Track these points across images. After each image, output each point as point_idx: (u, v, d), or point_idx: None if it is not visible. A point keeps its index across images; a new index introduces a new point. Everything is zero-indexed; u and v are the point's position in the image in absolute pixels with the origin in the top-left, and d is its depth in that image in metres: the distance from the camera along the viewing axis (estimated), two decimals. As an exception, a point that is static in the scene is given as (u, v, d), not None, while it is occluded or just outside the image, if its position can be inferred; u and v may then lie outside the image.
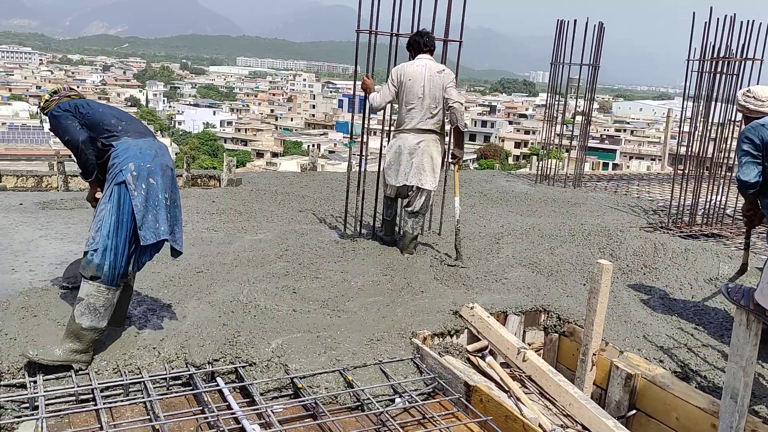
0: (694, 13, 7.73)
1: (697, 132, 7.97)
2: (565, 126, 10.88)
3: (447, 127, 5.87)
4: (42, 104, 3.94)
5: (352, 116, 6.51)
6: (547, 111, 10.68)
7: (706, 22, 7.57)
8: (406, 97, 5.59)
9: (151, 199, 3.52)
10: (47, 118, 3.87)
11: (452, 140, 5.91)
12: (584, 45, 9.78)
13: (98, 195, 3.78)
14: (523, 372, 4.00)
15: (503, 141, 73.51)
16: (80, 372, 3.49)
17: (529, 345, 4.47)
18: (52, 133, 4.07)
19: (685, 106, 8.04)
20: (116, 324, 3.80)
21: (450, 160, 6.00)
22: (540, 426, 3.34)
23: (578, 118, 10.89)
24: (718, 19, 7.52)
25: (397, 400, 3.66)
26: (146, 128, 3.89)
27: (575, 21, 9.83)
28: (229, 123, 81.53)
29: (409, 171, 5.68)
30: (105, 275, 3.46)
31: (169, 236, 3.59)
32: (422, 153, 5.67)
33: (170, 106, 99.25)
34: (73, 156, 3.82)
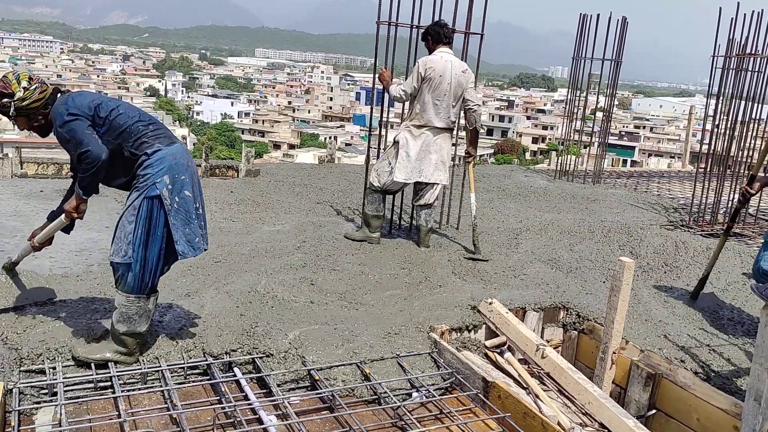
0: (720, 8, 7.59)
1: (719, 130, 7.84)
2: (584, 122, 10.77)
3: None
4: (21, 93, 3.22)
5: (371, 109, 6.47)
6: (567, 106, 10.58)
7: (732, 18, 7.44)
8: (432, 92, 5.50)
9: (185, 213, 3.37)
10: (31, 112, 3.28)
11: (469, 139, 5.91)
12: (606, 40, 9.67)
13: (83, 207, 3.43)
14: (542, 369, 3.96)
15: (521, 136, 73.10)
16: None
17: (548, 342, 4.43)
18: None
19: (708, 104, 7.91)
20: None
21: (465, 159, 5.97)
22: (559, 424, 3.30)
23: (597, 114, 10.77)
24: (744, 14, 7.39)
25: (414, 394, 3.65)
26: (167, 128, 3.60)
27: (598, 15, 9.71)
28: (247, 114, 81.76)
29: (425, 168, 5.64)
30: (130, 286, 3.38)
31: (206, 246, 3.53)
32: (440, 150, 5.65)
33: (189, 97, 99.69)
34: (78, 164, 3.27)
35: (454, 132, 5.90)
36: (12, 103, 3.24)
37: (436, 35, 5.63)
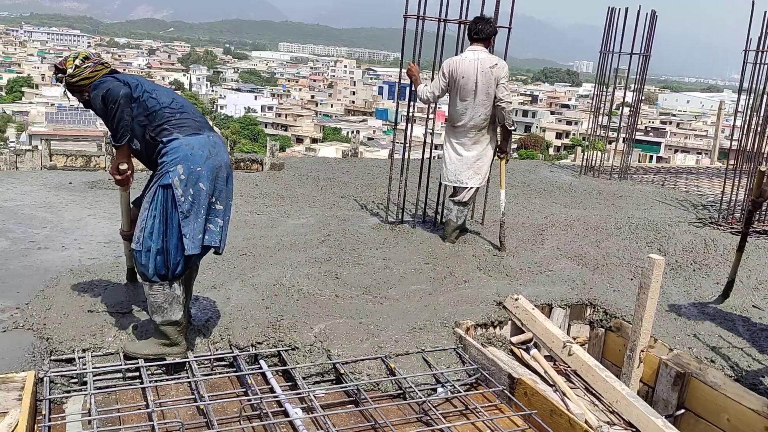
0: (753, 2, 7.44)
1: (750, 126, 7.68)
2: (610, 117, 10.62)
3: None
4: (71, 70, 3.42)
5: (397, 104, 6.44)
6: (593, 101, 10.45)
7: (766, 12, 7.28)
8: (459, 94, 5.46)
9: (197, 206, 3.32)
10: (81, 88, 3.44)
11: (500, 136, 5.84)
12: (635, 33, 9.52)
13: (122, 167, 3.43)
14: (569, 366, 3.92)
15: (544, 131, 72.53)
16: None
17: (574, 339, 4.39)
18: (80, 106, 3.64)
19: (739, 99, 7.77)
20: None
21: (498, 155, 5.90)
22: (586, 422, 3.27)
23: (624, 109, 10.62)
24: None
25: (440, 389, 3.64)
26: (202, 119, 3.55)
27: (626, 9, 9.57)
28: (270, 108, 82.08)
29: (463, 170, 5.62)
30: (151, 275, 3.36)
31: (211, 242, 3.42)
32: (479, 157, 5.60)
33: (213, 91, 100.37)
34: (102, 116, 3.41)
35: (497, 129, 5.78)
36: (64, 78, 3.45)
37: (468, 33, 5.58)
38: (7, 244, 4.94)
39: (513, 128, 5.65)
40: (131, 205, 3.77)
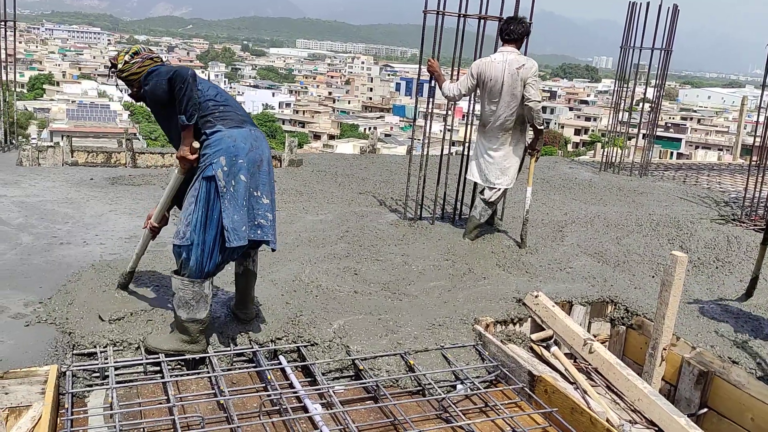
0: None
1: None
2: (630, 113, 10.52)
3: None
4: (120, 65, 3.52)
5: (416, 100, 6.43)
6: (613, 96, 10.34)
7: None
8: (487, 95, 5.44)
9: (240, 198, 3.30)
10: (131, 82, 3.51)
11: (531, 135, 5.79)
12: (657, 28, 9.41)
13: (196, 144, 3.34)
14: (590, 364, 3.89)
15: (563, 127, 71.99)
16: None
17: (595, 336, 4.35)
18: (127, 100, 3.70)
19: (762, 95, 7.64)
20: (241, 307, 3.80)
21: (528, 153, 5.84)
22: (608, 420, 3.24)
23: (643, 104, 10.50)
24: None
25: (459, 386, 3.62)
26: (245, 114, 3.57)
27: (647, 4, 9.45)
28: (288, 105, 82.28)
29: (493, 173, 5.60)
30: (190, 270, 3.36)
31: (264, 236, 3.43)
32: (505, 158, 5.56)
33: (231, 87, 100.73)
34: (154, 106, 3.41)
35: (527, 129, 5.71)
36: (115, 72, 3.58)
37: (499, 33, 5.54)
38: (30, 240, 5.00)
39: (542, 127, 5.58)
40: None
